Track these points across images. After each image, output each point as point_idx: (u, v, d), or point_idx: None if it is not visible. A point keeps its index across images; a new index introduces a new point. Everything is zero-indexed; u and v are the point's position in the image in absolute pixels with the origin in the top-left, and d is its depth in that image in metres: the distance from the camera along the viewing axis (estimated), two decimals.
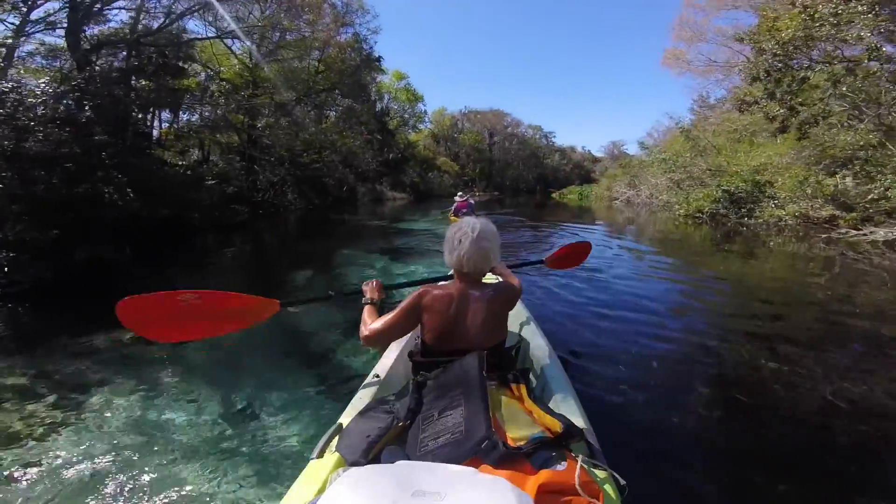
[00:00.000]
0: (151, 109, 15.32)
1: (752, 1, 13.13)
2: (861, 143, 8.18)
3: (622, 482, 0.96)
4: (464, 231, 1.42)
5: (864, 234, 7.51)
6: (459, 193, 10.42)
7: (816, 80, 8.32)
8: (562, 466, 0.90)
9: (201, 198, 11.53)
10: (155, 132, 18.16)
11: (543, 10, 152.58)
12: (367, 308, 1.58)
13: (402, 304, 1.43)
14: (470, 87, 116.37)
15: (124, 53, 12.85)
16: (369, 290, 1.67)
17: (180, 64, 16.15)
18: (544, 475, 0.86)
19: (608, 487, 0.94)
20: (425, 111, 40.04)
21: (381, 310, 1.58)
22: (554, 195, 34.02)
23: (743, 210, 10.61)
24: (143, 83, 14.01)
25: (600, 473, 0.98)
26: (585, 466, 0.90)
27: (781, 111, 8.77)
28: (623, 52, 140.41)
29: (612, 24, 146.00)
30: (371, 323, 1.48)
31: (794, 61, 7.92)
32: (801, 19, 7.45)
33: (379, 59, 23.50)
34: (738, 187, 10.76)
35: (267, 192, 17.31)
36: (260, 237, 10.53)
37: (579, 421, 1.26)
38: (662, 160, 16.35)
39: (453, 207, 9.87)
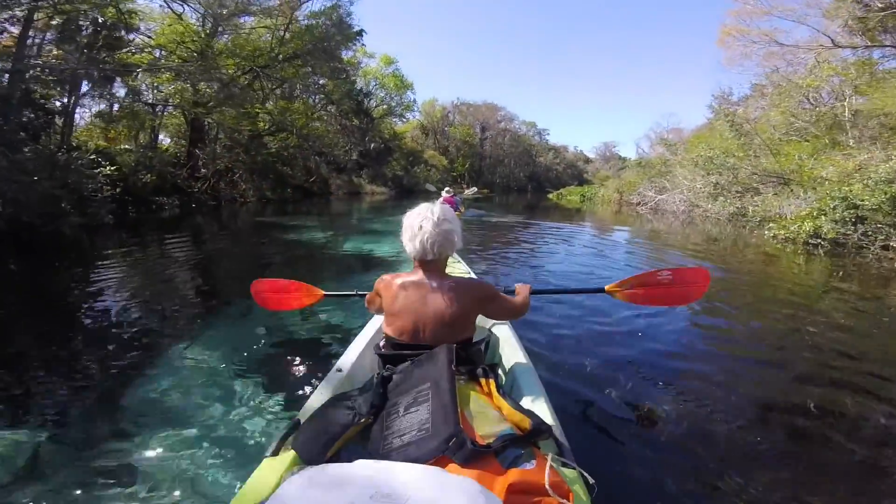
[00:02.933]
0: (70, 85, 11.94)
1: None
2: None
3: (591, 481, 0.92)
4: (424, 215, 1.34)
5: None
6: (447, 189, 10.27)
7: None
8: (531, 465, 0.87)
9: (86, 189, 8.12)
10: (85, 112, 14.88)
11: (540, 4, 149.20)
12: None
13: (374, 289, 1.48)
14: (463, 78, 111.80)
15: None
16: None
17: (121, 34, 12.88)
18: (513, 475, 0.83)
19: (577, 487, 0.89)
20: (414, 100, 36.50)
21: None
22: (551, 195, 30.92)
23: (879, 237, 7.27)
24: (55, 53, 10.93)
25: (569, 473, 0.92)
26: (555, 465, 0.88)
27: None
28: (620, 51, 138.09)
29: (608, 22, 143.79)
30: (369, 294, 1.55)
31: None
32: None
33: (360, 32, 20.10)
34: (876, 202, 7.27)
35: (207, 181, 13.94)
36: (166, 244, 7.22)
37: (548, 418, 1.21)
38: (708, 159, 13.12)
39: (440, 201, 9.08)
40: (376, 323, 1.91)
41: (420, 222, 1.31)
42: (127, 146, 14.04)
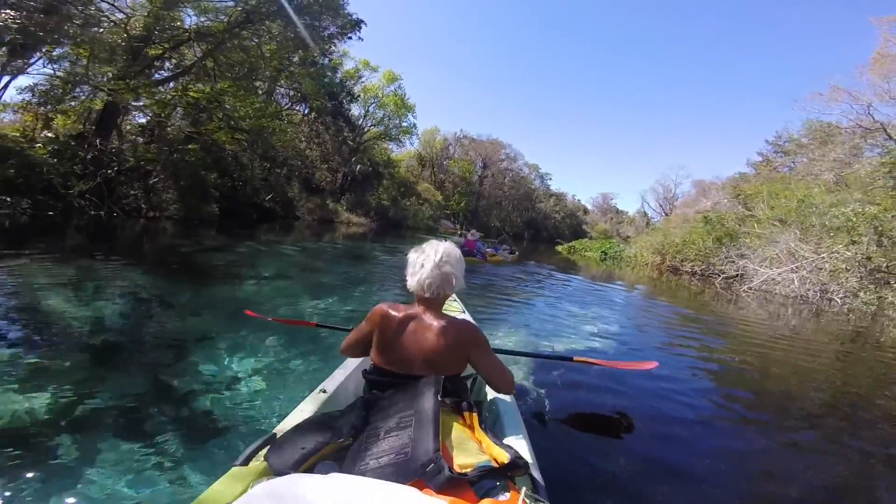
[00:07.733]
0: None
1: None
2: None
3: None
4: (426, 254, 1.35)
5: None
6: (472, 231, 10.11)
7: None
8: (504, 497, 0.87)
9: None
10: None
11: (551, 48, 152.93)
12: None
13: (366, 318, 1.42)
14: (467, 111, 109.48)
15: None
16: None
17: None
18: None
19: None
20: (415, 125, 32.79)
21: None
22: (561, 248, 26.53)
23: None
24: None
25: None
26: (528, 501, 0.87)
27: None
28: (618, 101, 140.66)
29: (611, 70, 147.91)
30: (349, 335, 1.51)
31: None
32: None
33: (359, 23, 16.39)
34: None
35: (92, 183, 9.29)
36: None
37: (527, 455, 1.20)
38: (872, 217, 8.32)
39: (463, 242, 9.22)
40: None
41: (422, 261, 1.34)
42: (50, 133, 10.52)
